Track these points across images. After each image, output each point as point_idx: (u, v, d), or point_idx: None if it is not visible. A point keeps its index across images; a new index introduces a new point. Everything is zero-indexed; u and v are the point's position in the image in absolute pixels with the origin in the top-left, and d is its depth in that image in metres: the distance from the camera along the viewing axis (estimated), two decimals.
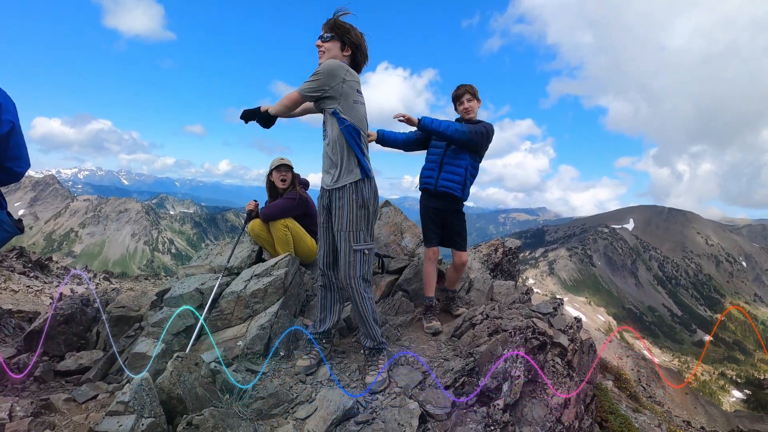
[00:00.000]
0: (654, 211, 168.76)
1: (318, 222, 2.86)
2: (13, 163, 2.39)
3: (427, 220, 3.74)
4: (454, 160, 3.57)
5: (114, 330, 3.62)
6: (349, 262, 2.62)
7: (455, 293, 4.04)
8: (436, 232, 3.73)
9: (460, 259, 3.76)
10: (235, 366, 2.74)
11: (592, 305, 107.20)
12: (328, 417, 2.21)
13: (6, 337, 4.39)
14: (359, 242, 2.62)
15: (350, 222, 2.60)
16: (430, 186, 3.63)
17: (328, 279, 2.87)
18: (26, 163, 2.47)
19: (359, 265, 2.63)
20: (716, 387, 68.15)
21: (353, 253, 2.61)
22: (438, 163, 3.61)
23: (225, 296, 3.28)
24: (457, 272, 3.87)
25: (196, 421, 1.91)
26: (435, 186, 3.61)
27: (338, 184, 2.62)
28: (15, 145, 2.35)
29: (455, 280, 3.96)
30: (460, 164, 3.56)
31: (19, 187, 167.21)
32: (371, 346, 2.76)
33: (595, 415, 3.74)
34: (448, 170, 3.57)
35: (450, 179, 3.57)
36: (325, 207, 2.76)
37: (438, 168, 3.61)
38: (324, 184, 2.75)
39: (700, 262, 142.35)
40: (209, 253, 4.62)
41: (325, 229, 2.80)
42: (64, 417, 2.46)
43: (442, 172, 3.59)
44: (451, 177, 3.57)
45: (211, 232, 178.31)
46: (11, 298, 7.78)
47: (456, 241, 3.74)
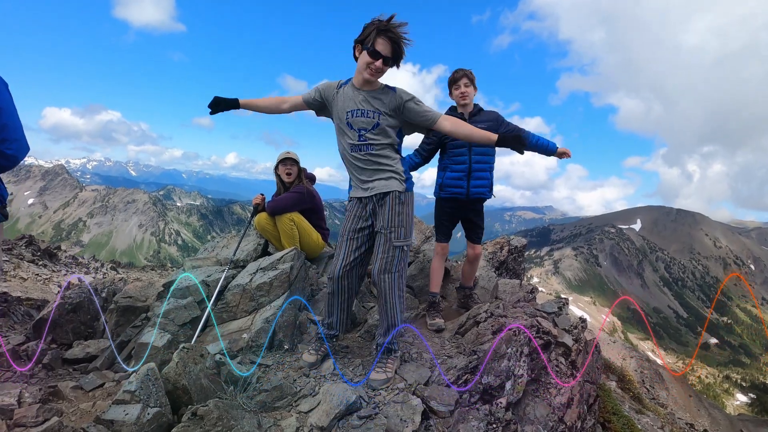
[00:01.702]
0: (662, 212, 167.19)
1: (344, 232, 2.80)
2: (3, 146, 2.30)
3: (443, 217, 3.71)
4: (481, 165, 3.51)
5: (121, 320, 3.66)
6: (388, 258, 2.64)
7: (472, 290, 4.01)
8: (450, 228, 3.73)
9: (474, 252, 3.74)
10: (240, 358, 2.76)
11: (596, 305, 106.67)
12: (331, 411, 2.22)
13: (15, 324, 4.45)
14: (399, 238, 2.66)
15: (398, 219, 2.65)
16: (461, 195, 3.55)
17: (339, 287, 2.81)
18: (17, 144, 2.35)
19: (396, 262, 2.65)
20: (720, 390, 67.70)
21: (393, 249, 2.64)
22: (466, 172, 3.51)
23: (230, 289, 3.30)
24: (472, 266, 3.84)
25: (201, 412, 1.93)
26: (467, 195, 3.54)
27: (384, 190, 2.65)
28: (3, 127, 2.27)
29: (471, 276, 3.92)
30: (486, 167, 3.53)
31: (29, 177, 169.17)
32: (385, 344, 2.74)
33: (597, 415, 3.74)
34: (478, 176, 3.52)
35: (481, 185, 3.54)
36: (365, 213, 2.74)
37: (467, 177, 3.51)
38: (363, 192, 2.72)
39: (707, 264, 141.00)
40: (215, 246, 4.65)
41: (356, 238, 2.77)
42: (71, 404, 2.49)
43: (472, 180, 3.52)
44: (481, 183, 3.53)
45: (217, 224, 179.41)
46: (20, 286, 7.90)
47: (475, 232, 3.72)
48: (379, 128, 2.60)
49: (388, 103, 2.60)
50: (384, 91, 2.63)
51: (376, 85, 2.63)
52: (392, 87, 2.66)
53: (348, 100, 2.64)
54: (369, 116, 2.59)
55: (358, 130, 2.61)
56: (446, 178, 3.58)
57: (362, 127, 2.60)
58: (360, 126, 2.60)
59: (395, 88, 2.66)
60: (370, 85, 2.61)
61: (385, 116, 2.60)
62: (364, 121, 2.59)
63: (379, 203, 2.68)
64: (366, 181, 2.69)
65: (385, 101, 2.60)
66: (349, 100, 2.63)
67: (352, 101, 2.62)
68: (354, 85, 2.65)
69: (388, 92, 2.63)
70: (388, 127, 2.63)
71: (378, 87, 2.64)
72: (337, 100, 2.67)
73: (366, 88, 2.62)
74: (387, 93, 2.62)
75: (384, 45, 2.44)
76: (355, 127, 2.62)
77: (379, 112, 2.59)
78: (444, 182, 3.60)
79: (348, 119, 2.62)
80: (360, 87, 2.62)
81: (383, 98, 2.61)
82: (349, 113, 2.62)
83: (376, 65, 2.47)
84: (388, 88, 2.65)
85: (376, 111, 2.59)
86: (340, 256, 2.77)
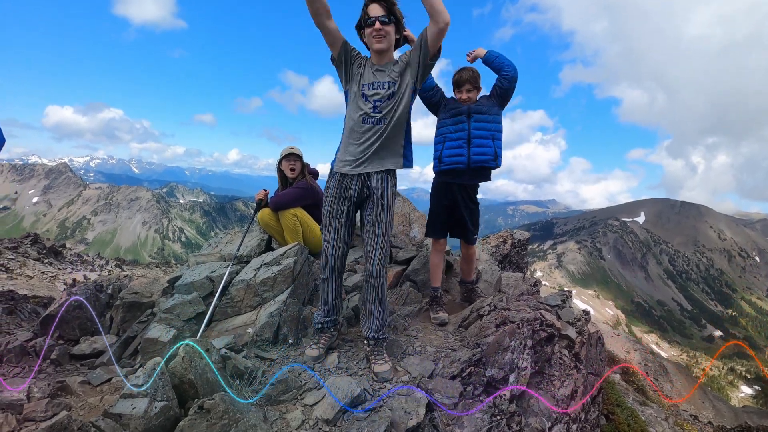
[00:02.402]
0: (666, 204, 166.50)
1: (331, 211, 2.74)
2: None
3: (438, 207, 3.61)
4: (481, 131, 3.37)
5: (127, 315, 3.69)
6: (385, 255, 2.67)
7: (474, 284, 4.00)
8: (445, 222, 3.68)
9: (467, 251, 3.71)
10: (245, 353, 2.78)
11: (600, 298, 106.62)
12: (336, 404, 2.24)
13: (22, 321, 4.50)
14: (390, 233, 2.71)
15: (389, 212, 2.67)
16: (462, 164, 3.41)
17: (334, 271, 2.81)
18: None
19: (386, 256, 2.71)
20: (725, 382, 67.69)
21: (388, 244, 2.69)
22: (466, 139, 3.39)
23: (235, 284, 3.32)
24: (468, 264, 3.79)
25: (207, 405, 1.95)
26: (468, 163, 3.40)
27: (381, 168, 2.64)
28: None
29: (469, 272, 3.88)
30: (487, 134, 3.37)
31: (33, 175, 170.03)
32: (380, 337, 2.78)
33: (601, 407, 3.75)
34: (480, 143, 3.39)
35: (483, 153, 3.39)
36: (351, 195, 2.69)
37: (467, 144, 3.39)
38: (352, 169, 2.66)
39: (711, 257, 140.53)
40: (219, 242, 4.67)
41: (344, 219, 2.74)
42: (79, 399, 2.52)
43: (473, 147, 3.40)
44: (483, 151, 3.39)
45: (220, 221, 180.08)
46: (27, 284, 7.97)
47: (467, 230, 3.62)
48: (394, 97, 2.62)
49: (401, 64, 2.65)
50: (394, 62, 2.68)
51: (390, 56, 2.69)
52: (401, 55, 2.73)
53: (365, 73, 2.68)
54: (385, 87, 2.62)
55: (373, 102, 2.62)
56: (445, 148, 3.47)
57: (377, 98, 2.62)
58: (375, 98, 2.62)
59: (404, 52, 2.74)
60: (384, 57, 2.66)
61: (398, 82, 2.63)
62: (380, 93, 2.61)
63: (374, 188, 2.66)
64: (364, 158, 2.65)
65: (396, 70, 2.64)
66: (366, 74, 2.67)
67: (369, 74, 2.66)
68: (370, 60, 2.71)
69: (398, 60, 2.69)
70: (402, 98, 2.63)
71: (390, 59, 2.69)
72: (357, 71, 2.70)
73: (378, 61, 2.67)
74: (397, 62, 2.68)
75: (375, 8, 2.51)
76: (369, 99, 2.63)
77: (395, 81, 2.63)
78: (443, 153, 3.49)
79: (363, 91, 2.65)
80: (376, 63, 2.67)
81: (395, 68, 2.65)
82: (365, 86, 2.65)
83: (375, 28, 2.52)
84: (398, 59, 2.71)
85: (393, 81, 2.62)
86: (331, 238, 2.75)
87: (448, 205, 3.61)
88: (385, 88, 2.61)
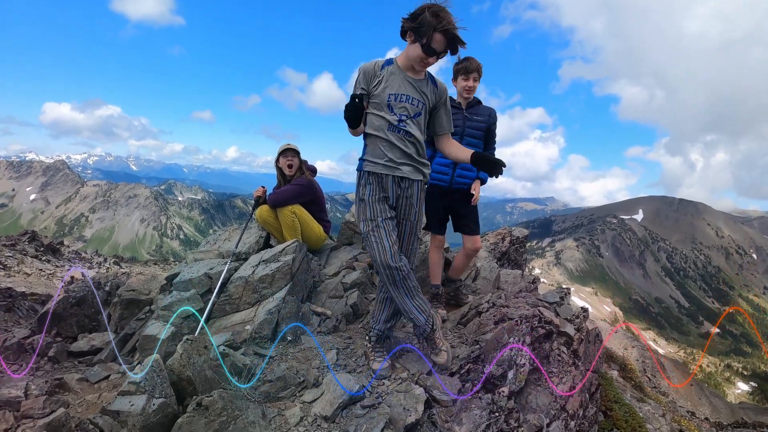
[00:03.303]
0: (664, 201, 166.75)
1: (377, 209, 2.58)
2: None
3: (431, 209, 3.64)
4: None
5: (125, 313, 3.69)
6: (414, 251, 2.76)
7: (461, 282, 3.99)
8: (442, 219, 3.68)
9: (473, 245, 3.60)
10: (244, 350, 2.78)
11: (598, 296, 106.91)
12: (335, 401, 2.24)
13: (20, 318, 4.49)
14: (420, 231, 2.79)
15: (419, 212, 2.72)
16: (444, 183, 3.52)
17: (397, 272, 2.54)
18: None
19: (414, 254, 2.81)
20: (722, 379, 68.04)
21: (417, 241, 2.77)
22: (452, 164, 3.48)
23: (233, 281, 3.31)
24: (468, 259, 3.74)
25: (206, 402, 1.95)
26: (450, 183, 3.51)
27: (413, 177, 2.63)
28: None
29: (463, 269, 3.86)
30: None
31: (30, 173, 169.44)
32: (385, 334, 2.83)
33: (599, 403, 3.76)
34: (466, 167, 3.46)
35: (465, 176, 3.49)
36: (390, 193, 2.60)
37: (453, 165, 3.49)
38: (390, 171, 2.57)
39: (709, 254, 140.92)
40: (217, 239, 4.66)
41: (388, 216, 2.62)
42: (77, 396, 2.52)
43: (458, 169, 3.48)
44: (467, 174, 3.49)
45: (218, 218, 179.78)
46: (24, 281, 7.95)
47: (468, 225, 3.60)
48: (419, 118, 2.56)
49: (430, 95, 2.57)
50: (426, 82, 2.58)
51: (422, 74, 2.57)
52: (433, 77, 2.62)
53: (393, 81, 2.52)
54: (414, 104, 2.53)
55: (398, 115, 2.50)
56: (434, 163, 3.51)
57: (403, 113, 2.51)
58: (401, 111, 2.51)
59: (436, 80, 2.62)
60: (416, 73, 2.55)
61: (426, 107, 2.57)
62: (407, 107, 2.51)
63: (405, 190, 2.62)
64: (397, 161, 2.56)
65: (428, 94, 2.56)
66: (395, 83, 2.52)
67: (398, 84, 2.52)
68: (400, 68, 2.55)
69: (430, 84, 2.58)
70: (424, 119, 2.59)
71: (422, 76, 2.58)
72: (381, 80, 2.54)
73: (412, 74, 2.54)
74: (428, 84, 2.58)
75: (440, 42, 2.36)
76: (396, 111, 2.51)
77: (424, 103, 2.55)
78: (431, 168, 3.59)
79: (390, 101, 2.51)
80: (406, 71, 2.54)
81: (427, 90, 2.56)
82: (392, 96, 2.50)
83: (429, 61, 2.44)
84: (430, 79, 2.60)
85: (422, 101, 2.55)
86: (384, 240, 2.51)
87: (444, 205, 3.64)
88: (414, 105, 2.52)
